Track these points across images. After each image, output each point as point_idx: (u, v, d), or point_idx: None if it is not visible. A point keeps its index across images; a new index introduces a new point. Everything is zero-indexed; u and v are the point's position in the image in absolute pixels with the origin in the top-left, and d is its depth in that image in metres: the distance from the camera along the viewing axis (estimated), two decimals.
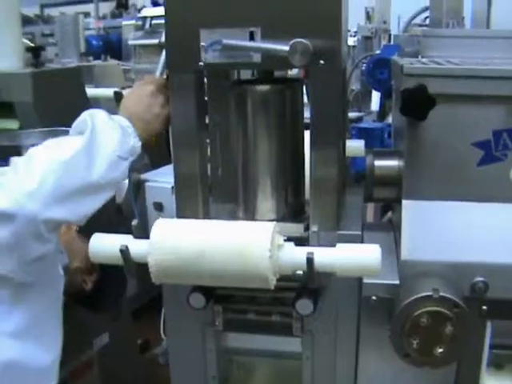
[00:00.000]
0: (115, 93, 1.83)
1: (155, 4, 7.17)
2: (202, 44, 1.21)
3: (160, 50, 1.62)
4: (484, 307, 1.21)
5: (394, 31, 4.60)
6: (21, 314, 1.25)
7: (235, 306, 1.37)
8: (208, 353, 1.43)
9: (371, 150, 1.41)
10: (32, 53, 2.76)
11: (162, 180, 1.45)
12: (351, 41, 4.41)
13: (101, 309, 1.84)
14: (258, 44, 1.20)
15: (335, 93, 1.22)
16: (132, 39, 6.53)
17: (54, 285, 1.35)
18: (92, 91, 3.51)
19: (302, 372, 1.39)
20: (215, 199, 1.47)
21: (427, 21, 2.86)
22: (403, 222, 1.25)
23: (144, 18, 6.74)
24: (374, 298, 1.22)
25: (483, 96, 1.20)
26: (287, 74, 1.76)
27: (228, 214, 1.41)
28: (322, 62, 1.18)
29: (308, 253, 1.15)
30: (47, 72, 2.67)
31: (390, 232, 1.42)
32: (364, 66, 3.32)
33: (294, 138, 1.35)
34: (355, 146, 1.59)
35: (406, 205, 1.26)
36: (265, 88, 1.31)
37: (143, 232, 1.27)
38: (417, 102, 1.18)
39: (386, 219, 1.94)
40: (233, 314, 1.38)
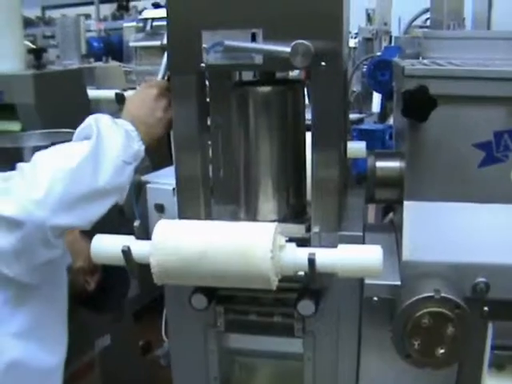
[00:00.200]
0: (116, 94, 1.83)
1: (156, 6, 7.16)
2: (204, 45, 1.22)
3: (161, 51, 1.62)
4: (485, 308, 1.21)
5: (394, 33, 4.58)
6: (24, 315, 1.26)
7: (237, 307, 1.37)
8: (210, 354, 1.43)
9: (372, 152, 1.41)
10: (34, 55, 2.77)
11: (163, 182, 1.45)
12: (352, 42, 4.40)
13: (103, 309, 1.83)
14: (260, 45, 1.20)
15: (336, 94, 1.22)
16: (133, 41, 6.53)
17: (59, 287, 1.36)
18: (93, 93, 3.52)
19: (304, 373, 1.39)
20: (217, 200, 1.47)
21: (428, 22, 2.86)
22: (405, 222, 1.25)
23: (145, 20, 6.73)
24: (375, 298, 1.22)
25: (484, 97, 1.20)
26: (288, 75, 1.77)
27: (230, 215, 1.41)
28: (323, 63, 1.18)
29: (310, 253, 1.15)
30: (49, 74, 2.68)
31: (392, 233, 1.42)
32: (365, 67, 3.33)
33: (296, 139, 1.35)
34: (356, 148, 1.60)
35: (408, 206, 1.26)
36: (266, 89, 1.31)
37: (144, 234, 1.27)
38: (418, 104, 1.18)
39: (387, 220, 1.94)
40: (235, 315, 1.38)
